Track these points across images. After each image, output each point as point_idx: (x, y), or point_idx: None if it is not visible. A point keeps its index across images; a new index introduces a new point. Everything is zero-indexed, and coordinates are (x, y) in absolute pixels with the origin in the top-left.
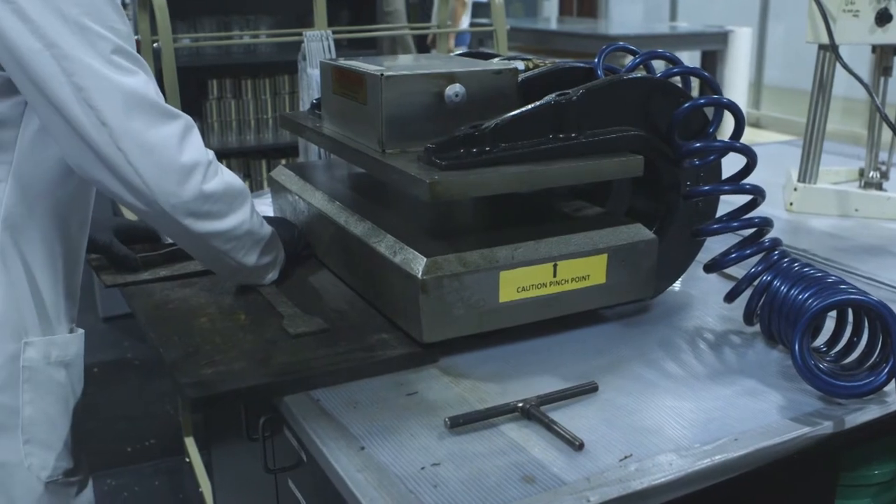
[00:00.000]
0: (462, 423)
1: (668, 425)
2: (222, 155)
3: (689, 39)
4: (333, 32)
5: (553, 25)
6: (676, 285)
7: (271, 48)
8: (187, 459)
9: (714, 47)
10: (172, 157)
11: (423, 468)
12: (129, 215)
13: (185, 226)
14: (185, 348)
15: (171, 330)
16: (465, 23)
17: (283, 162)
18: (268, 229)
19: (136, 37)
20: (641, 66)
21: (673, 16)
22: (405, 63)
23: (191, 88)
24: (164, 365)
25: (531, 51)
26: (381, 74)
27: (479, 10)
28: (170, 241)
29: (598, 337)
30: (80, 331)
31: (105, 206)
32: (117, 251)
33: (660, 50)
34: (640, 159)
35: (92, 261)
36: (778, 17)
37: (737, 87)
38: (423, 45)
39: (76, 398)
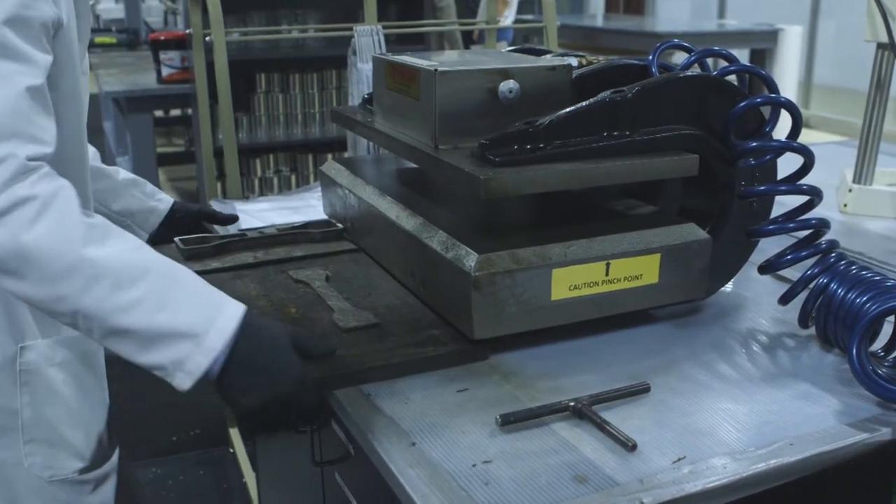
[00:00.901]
0: (513, 421)
1: (721, 428)
2: (270, 149)
3: (737, 37)
4: (383, 27)
5: (599, 22)
6: (728, 286)
7: (319, 43)
8: (231, 450)
9: (763, 46)
10: None
11: (474, 465)
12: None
13: None
14: None
15: None
16: (508, 19)
17: (330, 156)
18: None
19: (188, 30)
20: (696, 64)
21: (721, 13)
22: (458, 58)
23: (239, 82)
24: None
25: (576, 48)
26: (436, 69)
27: (521, 7)
28: (220, 232)
29: (649, 337)
30: None
31: None
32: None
33: (715, 48)
34: (694, 158)
35: None
36: (829, 14)
37: (786, 86)
38: (468, 42)
39: (94, 395)
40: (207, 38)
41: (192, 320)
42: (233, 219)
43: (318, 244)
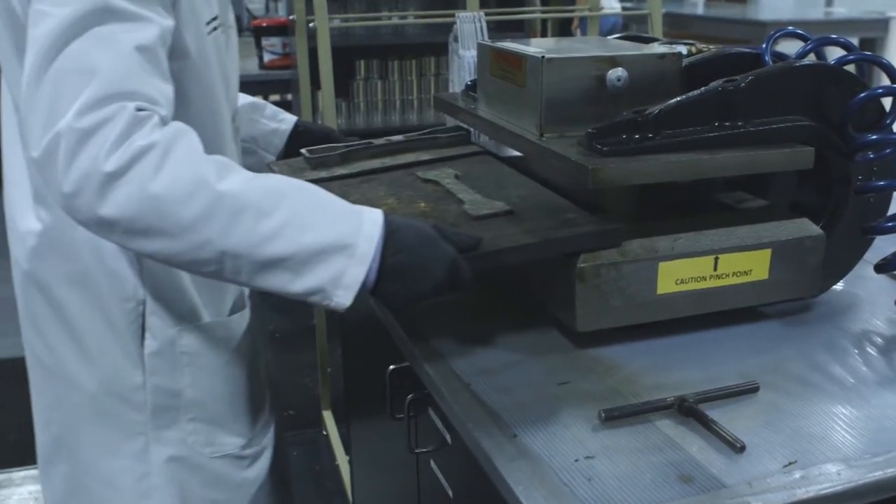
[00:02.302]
0: (617, 417)
1: (834, 432)
2: (367, 135)
3: (845, 26)
4: (486, 14)
5: (700, 10)
6: (839, 285)
7: (419, 29)
8: (324, 432)
9: (873, 35)
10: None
11: (576, 460)
12: None
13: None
14: None
15: None
16: (608, 5)
17: None
18: (281, 247)
19: (290, 17)
20: (812, 53)
21: (829, 0)
22: (564, 45)
23: (339, 68)
24: None
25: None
26: (543, 56)
27: None
28: (346, 141)
29: (757, 335)
30: (246, 309)
31: None
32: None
33: (832, 35)
34: (810, 151)
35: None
36: None
37: None
38: (566, 31)
39: (253, 373)
40: (311, 25)
41: (339, 233)
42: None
43: (445, 149)
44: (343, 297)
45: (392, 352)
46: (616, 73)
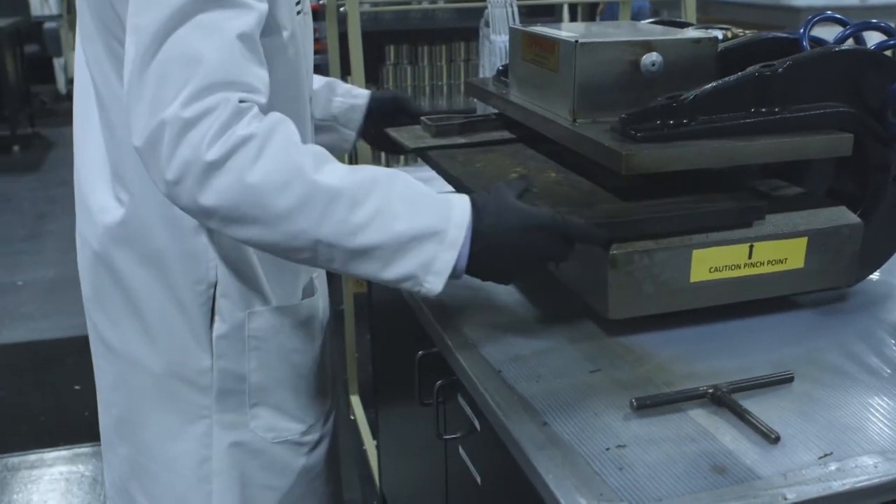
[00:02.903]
0: (649, 406)
1: (871, 424)
2: None
3: (882, 11)
4: None
5: None
6: (876, 274)
7: (449, 14)
8: (352, 417)
9: None
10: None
11: (607, 449)
12: None
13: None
14: None
15: (489, 183)
16: None
17: None
18: (379, 235)
19: (321, 0)
20: (852, 38)
21: None
22: (597, 30)
23: (369, 54)
24: None
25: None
26: (576, 41)
27: None
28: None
29: (791, 324)
30: (316, 296)
31: None
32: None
33: (873, 20)
34: (849, 138)
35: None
36: None
37: None
38: (590, 15)
39: (318, 360)
40: (341, 9)
41: (430, 220)
42: (420, 112)
43: None
44: (434, 283)
45: (421, 337)
46: (651, 58)
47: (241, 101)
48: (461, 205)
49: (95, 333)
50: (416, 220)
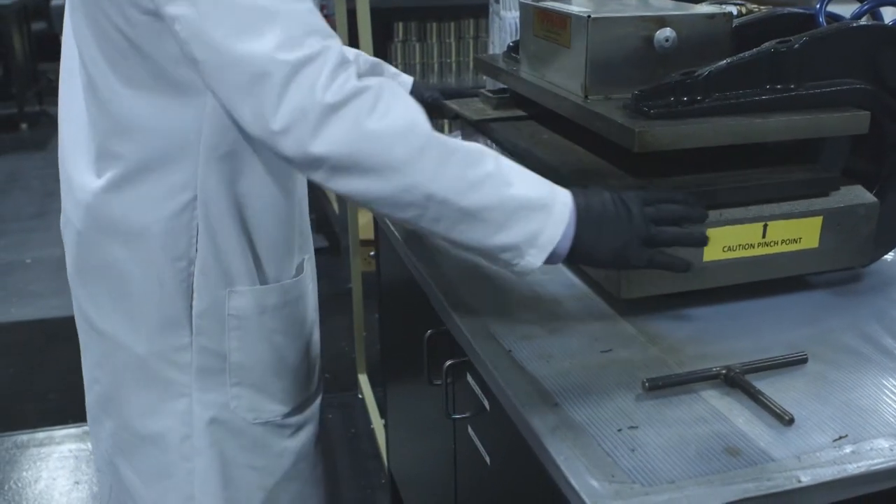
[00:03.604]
0: (661, 386)
1: (886, 406)
2: None
3: None
4: None
5: None
6: (891, 254)
7: None
8: (360, 396)
9: None
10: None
11: (619, 430)
12: None
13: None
14: None
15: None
16: None
17: None
18: (492, 195)
19: None
20: (869, 14)
21: None
22: (610, 5)
23: (377, 31)
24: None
25: None
26: (588, 16)
27: None
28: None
29: (804, 304)
30: (302, 277)
31: None
32: (448, 110)
33: None
34: (865, 115)
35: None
36: None
37: None
38: None
39: (303, 342)
40: None
41: (540, 193)
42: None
43: None
44: (535, 257)
45: (430, 316)
46: (664, 34)
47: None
48: (564, 190)
49: (80, 311)
50: (529, 189)
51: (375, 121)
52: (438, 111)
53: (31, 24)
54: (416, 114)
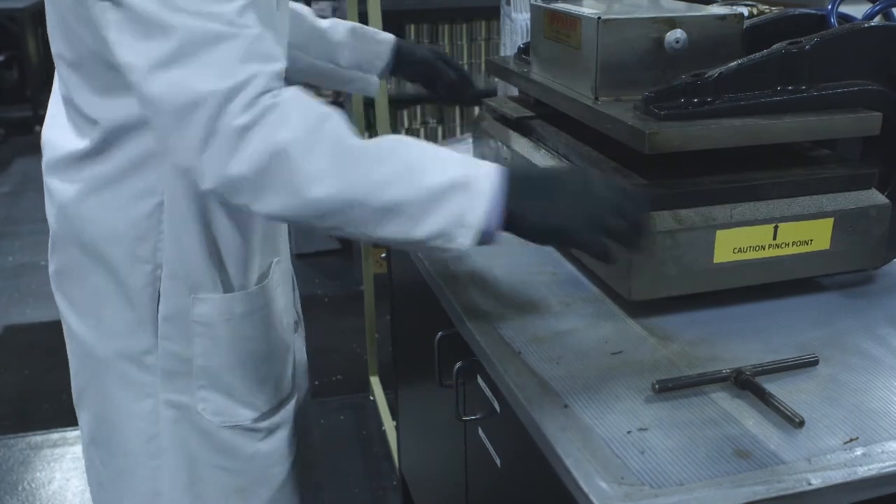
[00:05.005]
0: (671, 388)
1: None
2: (417, 100)
3: None
4: None
5: None
6: None
7: None
8: (371, 398)
9: None
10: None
11: (629, 432)
12: None
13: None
14: None
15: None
16: None
17: (478, 109)
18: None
19: None
20: (881, 15)
21: None
22: (620, 7)
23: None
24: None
25: None
26: (599, 18)
27: None
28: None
29: (816, 306)
30: (266, 284)
31: None
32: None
33: None
34: (877, 116)
35: None
36: None
37: None
38: None
39: (271, 349)
40: None
41: (457, 173)
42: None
43: None
44: (465, 237)
45: (441, 318)
46: (675, 35)
47: (270, 78)
48: (488, 164)
49: (59, 309)
50: (444, 173)
51: (286, 133)
52: (461, 86)
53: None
54: (324, 121)
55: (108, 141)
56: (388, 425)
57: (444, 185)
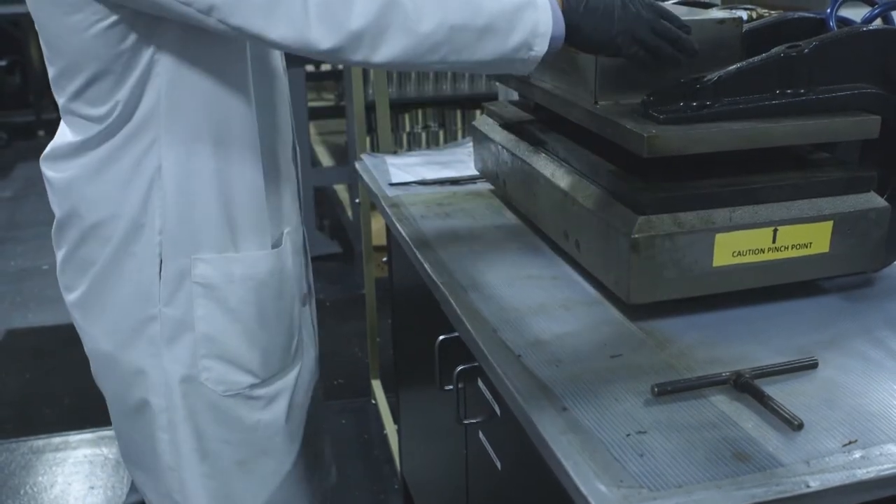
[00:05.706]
0: (670, 391)
1: None
2: (419, 104)
3: None
4: None
5: None
6: None
7: None
8: (373, 401)
9: None
10: None
11: (628, 435)
12: None
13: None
14: None
15: None
16: None
17: (479, 113)
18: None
19: None
20: (880, 18)
21: None
22: None
23: None
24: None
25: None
26: None
27: None
28: None
29: (815, 309)
30: (282, 247)
31: None
32: None
33: None
34: (876, 120)
35: None
36: None
37: None
38: None
39: (273, 314)
40: None
41: None
42: None
43: None
44: (540, 46)
45: (442, 322)
46: None
47: None
48: None
49: (66, 297)
50: None
51: None
52: None
53: None
54: None
55: (101, 134)
56: (390, 429)
57: (516, 4)
